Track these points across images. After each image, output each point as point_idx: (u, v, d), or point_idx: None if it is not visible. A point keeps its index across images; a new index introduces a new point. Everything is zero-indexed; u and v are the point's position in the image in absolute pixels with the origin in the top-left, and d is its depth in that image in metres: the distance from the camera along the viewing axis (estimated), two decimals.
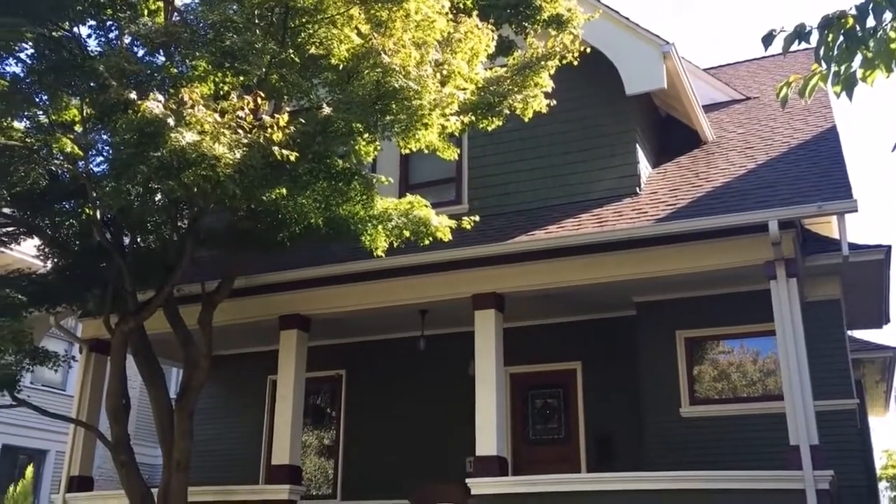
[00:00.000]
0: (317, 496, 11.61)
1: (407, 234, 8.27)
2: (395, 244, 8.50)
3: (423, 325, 10.58)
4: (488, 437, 8.58)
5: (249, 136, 6.80)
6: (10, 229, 9.60)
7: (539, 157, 10.36)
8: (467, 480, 8.62)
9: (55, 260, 9.53)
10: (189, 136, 6.35)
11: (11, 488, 7.43)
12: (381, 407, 11.48)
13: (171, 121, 6.39)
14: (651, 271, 8.64)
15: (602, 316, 10.54)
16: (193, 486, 8.76)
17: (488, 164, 10.65)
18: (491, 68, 8.39)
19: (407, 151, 8.14)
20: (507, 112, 8.18)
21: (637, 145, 10.08)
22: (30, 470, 7.80)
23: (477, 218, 8.73)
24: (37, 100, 8.04)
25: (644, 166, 10.27)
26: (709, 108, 12.36)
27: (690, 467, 8.28)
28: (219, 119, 6.62)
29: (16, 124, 8.24)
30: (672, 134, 11.51)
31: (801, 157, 9.83)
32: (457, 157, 8.71)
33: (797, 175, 9.16)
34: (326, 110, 7.21)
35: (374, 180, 8.17)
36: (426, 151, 8.12)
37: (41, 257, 9.83)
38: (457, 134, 8.28)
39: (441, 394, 10.89)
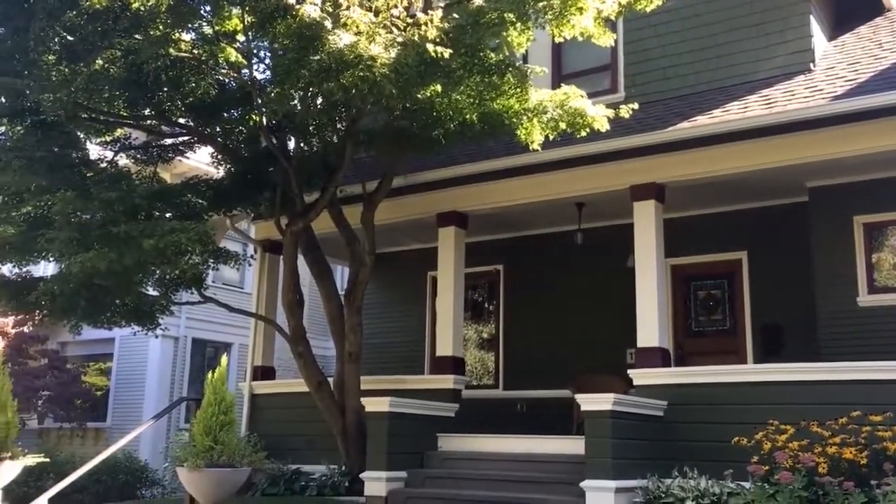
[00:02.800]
0: (479, 386, 12.03)
1: (563, 125, 8.12)
2: (551, 137, 8.37)
3: (579, 218, 10.48)
4: (650, 328, 8.51)
5: (403, 34, 6.81)
6: (185, 138, 10.25)
7: (701, 37, 9.75)
8: (629, 371, 8.64)
9: (227, 166, 10.10)
10: (346, 38, 6.44)
11: (210, 374, 8.26)
12: (539, 301, 11.60)
13: (328, 23, 6.50)
14: (827, 153, 8.06)
15: (770, 203, 10.01)
16: (363, 376, 9.31)
17: (646, 47, 10.15)
18: None
19: (560, 40, 7.89)
20: None
21: (811, 16, 9.27)
22: (224, 359, 8.57)
23: (635, 106, 8.43)
24: (201, 11, 8.37)
25: (818, 39, 9.46)
26: None
27: (867, 358, 7.88)
28: (373, 19, 6.66)
29: (184, 36, 8.65)
30: (850, 2, 10.49)
31: None
32: (612, 43, 8.36)
33: None
34: (478, 1, 7.08)
35: (528, 71, 8.01)
36: (580, 39, 7.82)
37: (214, 164, 10.45)
38: (613, 17, 7.94)
39: (599, 287, 10.84)
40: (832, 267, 9.30)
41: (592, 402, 7.41)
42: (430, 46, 6.70)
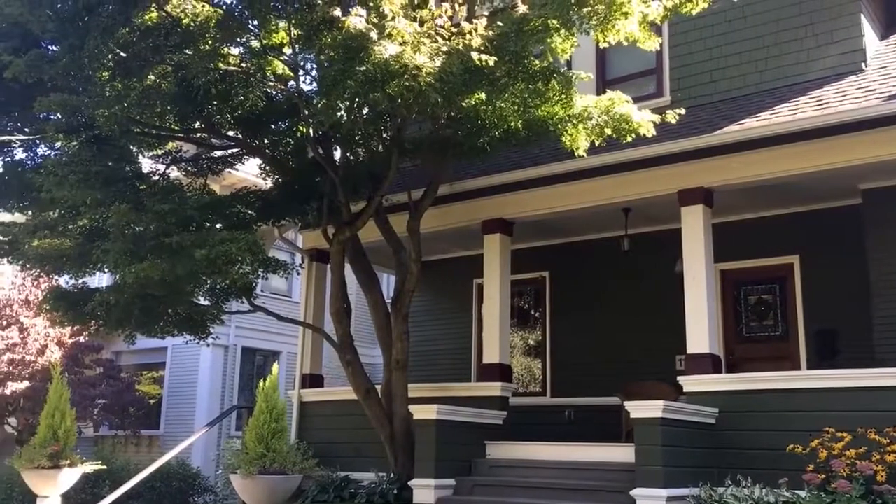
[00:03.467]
0: (526, 394, 11.99)
1: (608, 131, 8.07)
2: (596, 142, 8.33)
3: (626, 224, 10.40)
4: (699, 334, 8.40)
5: (448, 43, 6.86)
6: (234, 150, 10.43)
7: (748, 39, 9.63)
8: (679, 378, 8.54)
9: (275, 177, 10.25)
10: (391, 49, 6.50)
11: (261, 383, 8.41)
12: (586, 307, 11.53)
13: (373, 35, 6.57)
14: (881, 155, 7.87)
15: (823, 206, 9.82)
16: (410, 384, 9.35)
17: (692, 51, 10.05)
18: None
19: (605, 45, 7.85)
20: None
21: (862, 16, 9.08)
22: (276, 367, 8.75)
23: (682, 110, 8.34)
24: (249, 25, 8.52)
25: (870, 39, 9.27)
26: None
27: None
28: (418, 29, 6.72)
29: (232, 50, 8.82)
30: None
31: None
32: (657, 47, 8.28)
33: None
34: (522, 9, 7.09)
35: (573, 78, 8.00)
36: (625, 43, 7.77)
37: (262, 175, 10.61)
38: (658, 21, 7.88)
39: (647, 293, 10.73)
40: (888, 270, 9.08)
41: (642, 409, 7.34)
42: (474, 55, 6.73)
